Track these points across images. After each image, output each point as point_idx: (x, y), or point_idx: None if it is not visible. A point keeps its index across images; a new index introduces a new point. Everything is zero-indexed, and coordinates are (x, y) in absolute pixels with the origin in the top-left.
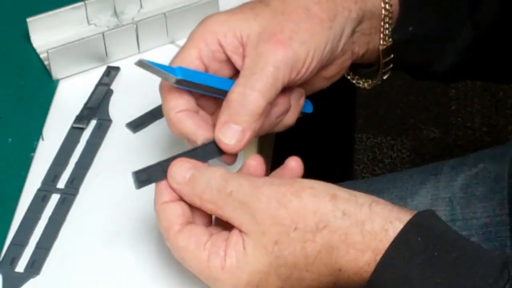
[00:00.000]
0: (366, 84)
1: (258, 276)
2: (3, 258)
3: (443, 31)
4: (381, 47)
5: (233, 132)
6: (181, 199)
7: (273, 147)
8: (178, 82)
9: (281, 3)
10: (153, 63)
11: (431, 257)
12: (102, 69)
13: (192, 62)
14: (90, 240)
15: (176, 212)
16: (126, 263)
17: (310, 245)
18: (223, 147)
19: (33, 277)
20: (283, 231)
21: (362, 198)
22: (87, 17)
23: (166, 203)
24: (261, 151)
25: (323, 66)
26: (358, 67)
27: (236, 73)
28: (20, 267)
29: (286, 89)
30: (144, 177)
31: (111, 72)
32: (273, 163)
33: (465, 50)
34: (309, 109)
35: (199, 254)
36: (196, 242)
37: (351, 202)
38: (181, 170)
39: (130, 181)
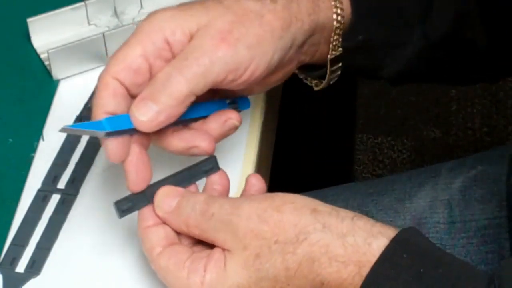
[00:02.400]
0: (314, 85)
1: None
2: (3, 258)
3: (392, 38)
4: (329, 56)
5: (147, 109)
6: (165, 223)
7: (274, 148)
8: (108, 134)
9: (235, 3)
10: (76, 125)
11: (417, 273)
12: (102, 69)
13: (136, 59)
14: (90, 241)
15: (159, 235)
16: (126, 263)
17: (291, 257)
18: (134, 121)
19: (33, 277)
20: (264, 244)
21: (344, 212)
22: (87, 17)
23: (149, 227)
24: (261, 151)
25: (268, 74)
26: (304, 68)
27: None
28: (21, 267)
29: (220, 115)
30: (126, 206)
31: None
32: (273, 163)
33: (413, 58)
34: (246, 106)
35: (179, 273)
36: (175, 262)
37: (332, 216)
38: (167, 199)
39: None
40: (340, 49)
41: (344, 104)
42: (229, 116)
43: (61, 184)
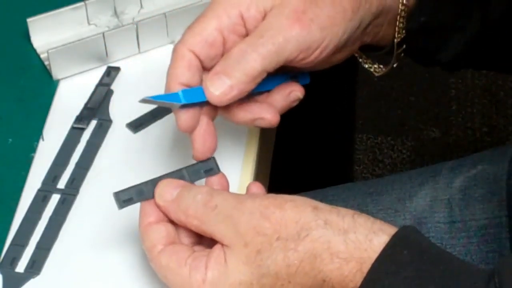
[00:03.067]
0: (375, 69)
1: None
2: (3, 258)
3: (452, 21)
4: (396, 40)
5: (221, 83)
6: (166, 219)
7: (274, 147)
8: (182, 106)
9: None
10: (155, 97)
11: (418, 270)
12: (103, 69)
13: (211, 33)
14: (90, 241)
15: (160, 233)
16: (126, 263)
17: (293, 254)
18: (208, 94)
19: (33, 278)
20: (265, 241)
21: (344, 210)
22: (87, 17)
23: (150, 224)
24: (261, 151)
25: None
26: (365, 49)
27: None
28: (20, 267)
29: (285, 88)
30: (126, 197)
31: (112, 72)
32: (273, 163)
33: (471, 41)
34: (306, 81)
35: (180, 271)
36: (177, 260)
37: (332, 213)
38: (169, 188)
39: (131, 181)
40: (404, 31)
41: (344, 104)
42: (293, 89)
43: (61, 184)
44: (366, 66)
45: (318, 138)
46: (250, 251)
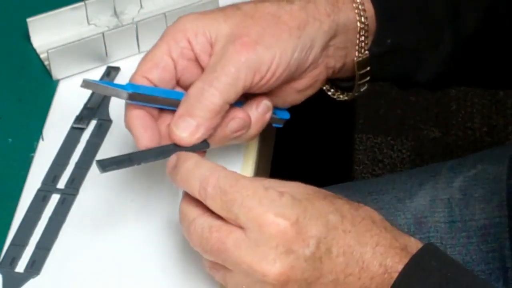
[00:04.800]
0: (342, 97)
1: (312, 213)
2: (3, 258)
3: (422, 41)
4: (356, 59)
5: (186, 124)
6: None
7: (274, 147)
8: (131, 97)
9: (252, 8)
10: (100, 81)
11: (446, 276)
12: (102, 69)
13: (161, 58)
14: (90, 240)
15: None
16: (126, 263)
17: (355, 211)
18: (175, 138)
19: (33, 277)
20: (330, 194)
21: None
22: (87, 17)
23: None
24: (261, 151)
25: (293, 76)
26: (336, 80)
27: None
28: (20, 267)
29: (252, 102)
30: (109, 163)
31: (111, 72)
32: (273, 163)
33: (447, 59)
34: (285, 115)
35: (256, 182)
36: (251, 179)
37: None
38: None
39: (130, 181)
40: (366, 51)
41: (344, 104)
42: (235, 115)
43: (61, 184)
44: (331, 95)
45: (318, 138)
46: (320, 191)
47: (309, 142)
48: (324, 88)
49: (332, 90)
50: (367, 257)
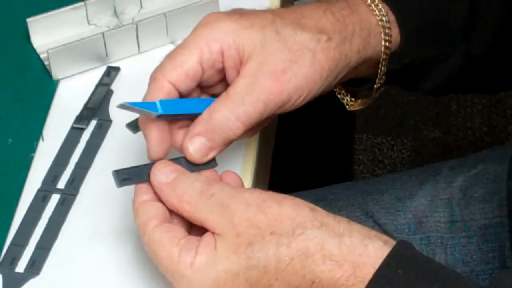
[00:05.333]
0: (347, 102)
1: (225, 276)
2: (3, 258)
3: (435, 56)
4: (375, 85)
5: (201, 145)
6: (160, 200)
7: (274, 147)
8: (159, 116)
9: (292, 34)
10: (134, 103)
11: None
12: (102, 69)
13: (193, 66)
14: (90, 241)
15: (157, 209)
16: (126, 263)
17: (284, 250)
18: (186, 154)
19: (33, 277)
20: (258, 234)
21: (339, 216)
22: (87, 17)
23: (147, 201)
24: (261, 151)
25: None
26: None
27: (223, 80)
28: (20, 267)
29: None
30: (125, 176)
31: (111, 72)
32: (273, 163)
33: (454, 72)
34: None
35: (172, 249)
36: (171, 237)
37: (329, 217)
38: (166, 170)
39: None
40: (384, 76)
41: (344, 104)
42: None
43: (61, 184)
44: (339, 96)
45: (318, 138)
46: (242, 242)
47: (309, 142)
48: (337, 94)
49: (342, 93)
50: None
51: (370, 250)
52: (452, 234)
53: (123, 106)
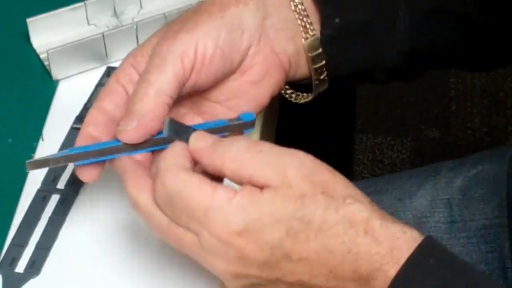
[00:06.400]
0: (302, 99)
1: (267, 219)
2: (3, 258)
3: (375, 20)
4: (303, 40)
5: (127, 121)
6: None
7: None
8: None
9: (176, 17)
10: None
11: (444, 279)
12: (102, 69)
13: (112, 85)
14: (90, 241)
15: (186, 156)
16: (126, 264)
17: (332, 213)
18: (120, 136)
19: (33, 278)
20: (311, 190)
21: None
22: (87, 18)
23: (180, 155)
24: None
25: (234, 62)
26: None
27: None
28: (20, 267)
29: None
30: (176, 128)
31: (111, 72)
32: None
33: (407, 37)
34: (250, 116)
35: (204, 187)
36: (200, 178)
37: (374, 204)
38: (204, 136)
39: None
40: (315, 33)
41: (344, 104)
42: None
43: (61, 185)
44: (287, 96)
45: (317, 138)
46: (293, 193)
47: (308, 142)
48: (286, 95)
49: (293, 95)
50: (335, 263)
51: (408, 237)
52: (452, 235)
53: (31, 165)
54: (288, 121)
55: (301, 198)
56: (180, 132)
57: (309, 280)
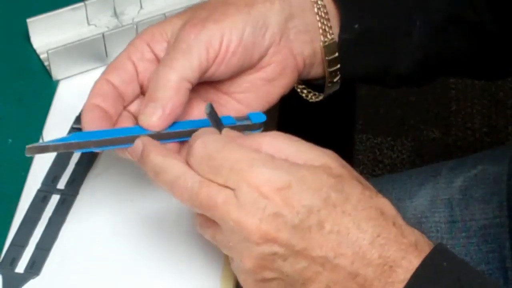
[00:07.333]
0: (315, 98)
1: (309, 184)
2: (3, 258)
3: (392, 27)
4: (321, 44)
5: (151, 108)
6: None
7: None
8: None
9: (204, 2)
10: (46, 142)
11: (458, 279)
12: (102, 69)
13: (121, 61)
14: (90, 241)
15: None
16: (126, 264)
17: (367, 199)
18: (145, 124)
19: (33, 278)
20: (348, 173)
21: None
22: (87, 18)
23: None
24: None
25: (253, 58)
26: (310, 80)
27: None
28: (20, 267)
29: None
30: (215, 116)
31: None
32: None
33: (422, 45)
34: (261, 118)
35: (243, 148)
36: (243, 139)
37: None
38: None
39: (130, 181)
40: (333, 36)
41: (344, 105)
42: None
43: (61, 185)
44: (300, 93)
45: (317, 138)
46: (332, 172)
47: (308, 141)
48: (298, 89)
49: (305, 91)
50: (364, 244)
51: (426, 239)
52: (452, 235)
53: (31, 150)
54: (288, 121)
55: (340, 178)
56: (216, 118)
57: (334, 258)
